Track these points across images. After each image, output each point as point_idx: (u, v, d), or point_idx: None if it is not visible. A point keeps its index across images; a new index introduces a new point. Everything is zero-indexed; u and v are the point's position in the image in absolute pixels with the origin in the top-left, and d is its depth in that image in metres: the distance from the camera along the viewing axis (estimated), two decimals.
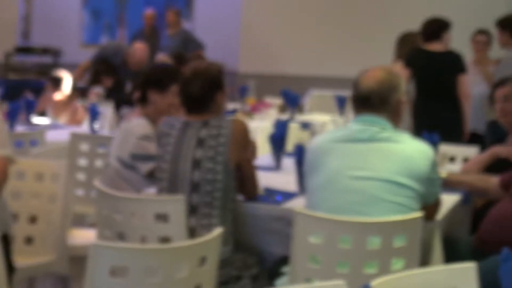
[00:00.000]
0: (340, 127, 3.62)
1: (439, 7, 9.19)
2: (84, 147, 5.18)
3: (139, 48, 9.32)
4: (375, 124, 3.39)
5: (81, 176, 5.09)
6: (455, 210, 4.12)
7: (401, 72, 7.34)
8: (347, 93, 9.96)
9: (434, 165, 3.40)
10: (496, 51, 8.12)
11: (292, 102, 7.84)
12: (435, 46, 7.25)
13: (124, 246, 2.83)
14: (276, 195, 3.94)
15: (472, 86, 7.62)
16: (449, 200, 4.06)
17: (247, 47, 12.48)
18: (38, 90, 8.00)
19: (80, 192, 5.06)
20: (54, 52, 11.97)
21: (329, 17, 12.21)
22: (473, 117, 7.61)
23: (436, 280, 2.40)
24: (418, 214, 3.19)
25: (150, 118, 4.46)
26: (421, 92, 7.23)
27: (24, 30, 13.37)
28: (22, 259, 3.81)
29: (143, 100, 4.59)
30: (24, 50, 11.92)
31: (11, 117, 5.81)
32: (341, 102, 8.16)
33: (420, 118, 7.17)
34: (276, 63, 12.35)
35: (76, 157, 5.07)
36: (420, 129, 5.83)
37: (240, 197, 3.88)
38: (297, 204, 3.64)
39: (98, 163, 5.07)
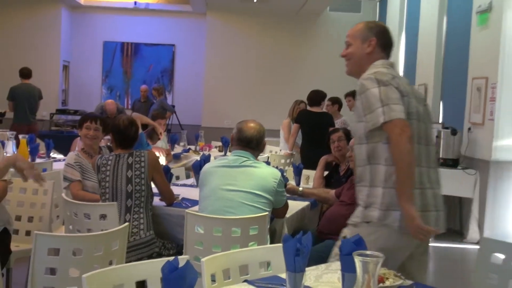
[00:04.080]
0: (224, 158, 3.54)
1: (317, 83, 9.27)
2: None
3: (109, 103, 9.22)
4: (244, 156, 3.36)
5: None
6: (305, 211, 4.09)
7: (294, 125, 7.37)
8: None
9: (281, 183, 3.33)
10: None
11: (225, 144, 7.77)
12: (315, 109, 7.25)
13: (60, 235, 2.74)
14: (187, 202, 3.87)
15: None
16: (300, 205, 4.04)
17: (207, 109, 12.49)
18: (71, 137, 7.74)
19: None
20: (82, 113, 11.82)
21: (258, 89, 12.33)
22: None
23: (255, 255, 2.34)
24: (266, 213, 3.14)
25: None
26: (305, 140, 7.20)
27: (64, 99, 13.22)
28: (24, 245, 3.71)
29: None
30: (62, 111, 11.73)
31: (33, 153, 5.66)
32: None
33: (304, 157, 7.11)
34: (226, 119, 12.37)
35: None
36: (304, 163, 5.75)
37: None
38: (197, 209, 3.57)
39: None
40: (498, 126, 6.39)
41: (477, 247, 6.21)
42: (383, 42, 2.71)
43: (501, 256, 2.50)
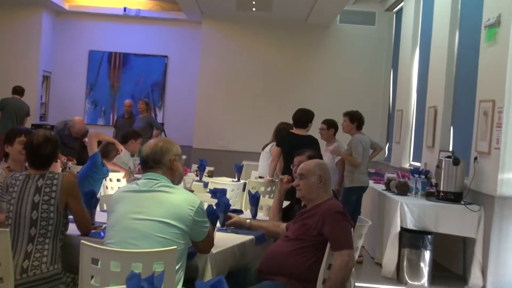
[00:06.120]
0: (134, 181, 3.44)
1: (323, 103, 9.11)
2: None
3: (78, 121, 9.12)
4: (155, 179, 3.25)
5: None
6: (247, 247, 3.94)
7: (274, 149, 7.24)
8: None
9: (200, 211, 3.20)
10: None
11: (201, 168, 7.69)
12: (300, 131, 7.12)
13: None
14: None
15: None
16: (239, 239, 3.91)
17: (199, 129, 12.44)
18: None
19: None
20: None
21: (257, 108, 12.26)
22: None
23: None
24: (174, 248, 3.01)
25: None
26: (286, 166, 7.04)
27: (43, 113, 13.34)
28: None
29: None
30: (38, 126, 11.74)
31: None
32: (238, 168, 8.02)
33: None
34: (220, 141, 12.34)
35: None
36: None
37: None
38: None
39: None
40: (504, 156, 6.20)
41: None
42: None
43: None
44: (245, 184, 7.00)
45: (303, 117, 7.19)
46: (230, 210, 4.95)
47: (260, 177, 7.62)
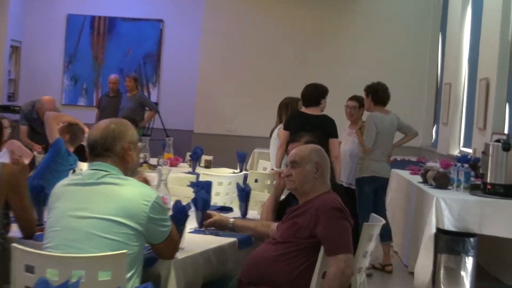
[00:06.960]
0: (78, 173, 3.52)
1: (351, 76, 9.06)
2: None
3: (47, 101, 9.15)
4: (103, 170, 3.30)
5: None
6: (226, 252, 3.99)
7: (282, 134, 7.28)
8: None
9: (156, 206, 3.23)
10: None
11: (194, 157, 7.78)
12: (312, 110, 7.15)
13: None
14: None
15: (344, 144, 7.60)
16: (217, 242, 3.96)
17: (202, 110, 12.49)
18: None
19: None
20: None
21: (272, 83, 12.25)
22: (347, 173, 7.55)
23: None
24: (123, 252, 3.07)
25: None
26: None
27: (12, 92, 13.51)
28: None
29: None
30: (5, 108, 11.94)
31: None
32: (241, 157, 8.10)
33: None
34: (228, 124, 12.41)
35: None
36: None
37: None
38: None
39: None
40: None
41: None
42: None
43: None
44: (246, 176, 7.06)
45: (314, 93, 7.25)
46: (217, 208, 5.07)
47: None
